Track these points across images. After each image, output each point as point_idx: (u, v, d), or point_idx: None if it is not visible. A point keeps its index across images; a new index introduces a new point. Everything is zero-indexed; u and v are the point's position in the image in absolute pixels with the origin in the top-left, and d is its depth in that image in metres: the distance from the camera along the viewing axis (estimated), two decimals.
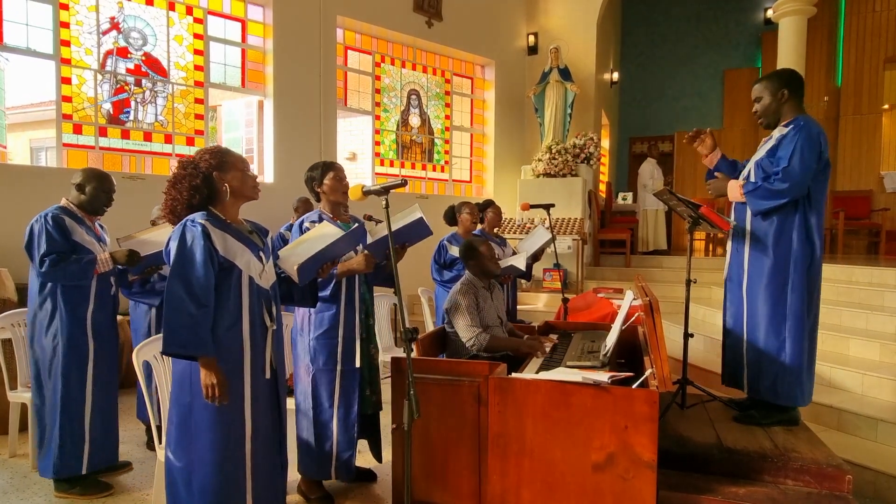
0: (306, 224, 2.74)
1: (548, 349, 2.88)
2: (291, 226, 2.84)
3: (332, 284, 2.70)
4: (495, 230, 4.50)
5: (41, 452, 2.84)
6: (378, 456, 3.06)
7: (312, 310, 2.74)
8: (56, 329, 2.79)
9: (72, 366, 2.81)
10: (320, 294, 2.67)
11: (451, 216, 4.20)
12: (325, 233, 2.44)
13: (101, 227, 3.05)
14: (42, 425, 2.84)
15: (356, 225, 2.62)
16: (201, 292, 1.92)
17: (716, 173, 2.90)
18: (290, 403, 2.90)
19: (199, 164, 2.04)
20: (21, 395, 3.20)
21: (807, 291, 2.58)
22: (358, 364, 2.78)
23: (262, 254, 2.15)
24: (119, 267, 2.94)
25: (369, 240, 2.81)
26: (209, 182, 2.05)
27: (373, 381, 2.93)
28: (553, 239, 4.19)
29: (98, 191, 2.91)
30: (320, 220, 2.74)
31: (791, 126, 2.59)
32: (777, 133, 2.66)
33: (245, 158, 2.18)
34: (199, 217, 2.00)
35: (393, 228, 2.70)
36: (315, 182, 2.81)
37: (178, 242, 1.96)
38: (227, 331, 2.02)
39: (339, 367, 2.74)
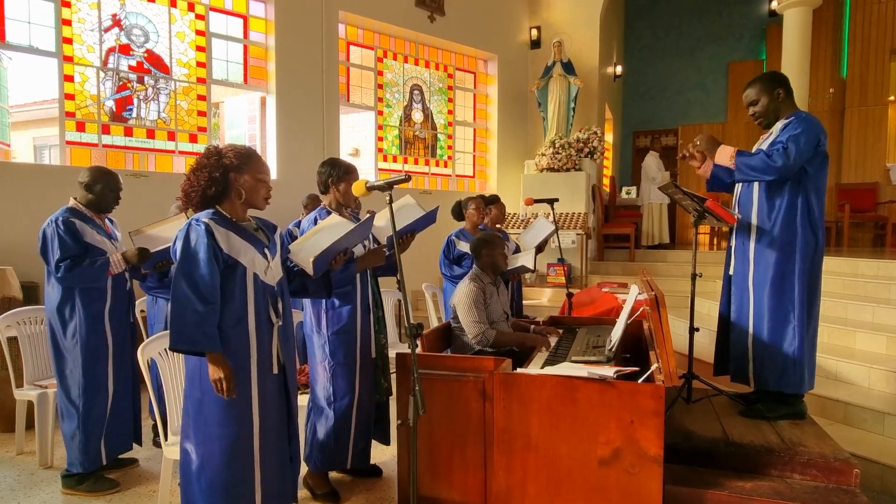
0: (319, 221, 2.76)
1: (553, 342, 2.87)
2: (300, 222, 2.86)
3: (353, 279, 2.73)
4: (497, 226, 4.48)
5: (68, 448, 2.89)
6: (386, 440, 3.06)
7: (329, 306, 2.77)
8: (76, 327, 2.83)
9: (93, 363, 2.86)
10: (343, 289, 2.70)
11: (458, 212, 4.19)
12: (336, 224, 2.47)
13: (111, 221, 3.09)
14: (66, 422, 2.87)
15: (366, 218, 2.64)
16: (206, 290, 1.96)
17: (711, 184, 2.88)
18: (302, 400, 2.91)
19: (223, 158, 2.08)
20: (27, 393, 3.21)
21: (812, 280, 2.61)
22: (374, 355, 2.83)
23: (267, 251, 2.17)
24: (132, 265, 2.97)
25: (382, 233, 2.87)
26: (225, 178, 2.08)
27: (385, 369, 2.96)
28: (556, 230, 4.16)
29: (106, 190, 2.94)
30: (328, 214, 2.78)
31: (793, 117, 2.65)
32: (779, 125, 2.70)
33: (268, 169, 2.20)
34: (203, 216, 2.04)
35: (407, 221, 2.76)
36: (331, 178, 2.82)
37: (182, 242, 2.00)
38: (233, 327, 2.04)
39: (357, 360, 2.78)
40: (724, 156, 2.69)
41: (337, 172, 2.82)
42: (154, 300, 3.47)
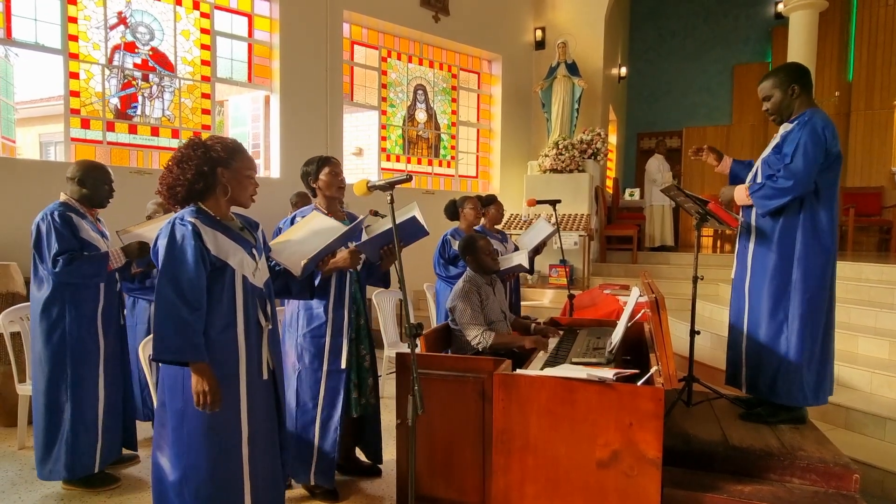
0: (298, 218, 2.69)
1: (552, 344, 2.87)
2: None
3: (318, 278, 2.63)
4: (496, 227, 4.46)
5: (48, 456, 2.76)
6: (376, 459, 3.03)
7: (303, 306, 2.70)
8: (63, 330, 2.73)
9: (84, 366, 2.77)
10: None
11: (453, 211, 4.16)
12: (326, 226, 2.40)
13: (100, 220, 3.00)
14: (50, 428, 2.76)
15: (359, 219, 2.57)
16: (193, 295, 1.83)
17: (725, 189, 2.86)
18: None
19: (210, 151, 1.94)
20: (30, 388, 3.22)
21: (814, 289, 2.54)
22: (344, 365, 2.68)
23: (254, 251, 2.06)
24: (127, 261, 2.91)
25: (363, 237, 2.71)
26: (213, 173, 1.95)
27: (362, 383, 2.83)
28: (556, 231, 4.15)
29: (100, 183, 2.86)
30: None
31: (796, 121, 2.55)
32: (782, 130, 2.62)
33: (255, 165, 2.09)
34: (188, 215, 1.92)
35: (387, 226, 2.54)
36: (311, 177, 2.74)
37: (167, 242, 1.87)
38: (221, 333, 1.93)
39: (324, 367, 2.67)
40: (742, 196, 2.66)
41: (313, 169, 2.74)
42: (134, 302, 3.42)
